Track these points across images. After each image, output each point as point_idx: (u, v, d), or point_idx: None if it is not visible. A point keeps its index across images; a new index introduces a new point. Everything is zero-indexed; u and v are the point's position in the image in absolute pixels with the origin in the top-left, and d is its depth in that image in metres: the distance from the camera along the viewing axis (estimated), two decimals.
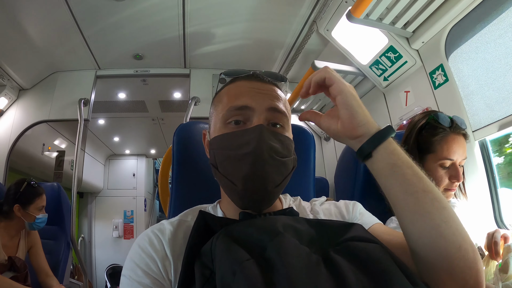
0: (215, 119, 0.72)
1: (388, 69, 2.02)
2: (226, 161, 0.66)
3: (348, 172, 1.33)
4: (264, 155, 0.62)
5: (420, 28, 1.77)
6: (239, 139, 0.65)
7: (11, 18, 2.21)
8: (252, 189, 0.63)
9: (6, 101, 2.89)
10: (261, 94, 0.69)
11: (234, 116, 0.67)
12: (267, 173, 0.63)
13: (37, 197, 1.81)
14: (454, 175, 1.08)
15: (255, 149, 0.62)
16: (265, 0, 2.17)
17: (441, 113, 1.15)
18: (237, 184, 0.64)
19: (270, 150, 0.64)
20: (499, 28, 1.43)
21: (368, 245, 0.54)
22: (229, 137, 0.67)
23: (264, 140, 0.63)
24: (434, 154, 1.09)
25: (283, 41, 2.62)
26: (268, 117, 0.67)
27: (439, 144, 1.09)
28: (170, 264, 0.62)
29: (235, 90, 0.71)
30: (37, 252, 1.87)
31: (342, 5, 1.91)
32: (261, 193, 0.64)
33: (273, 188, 0.64)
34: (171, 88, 3.52)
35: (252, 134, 0.64)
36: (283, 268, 0.48)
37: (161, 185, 1.94)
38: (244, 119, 0.67)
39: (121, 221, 5.40)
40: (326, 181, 2.88)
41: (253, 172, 0.62)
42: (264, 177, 0.63)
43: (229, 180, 0.65)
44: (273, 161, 0.64)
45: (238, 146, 0.65)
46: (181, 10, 2.27)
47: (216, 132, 0.70)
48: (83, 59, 2.86)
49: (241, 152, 0.64)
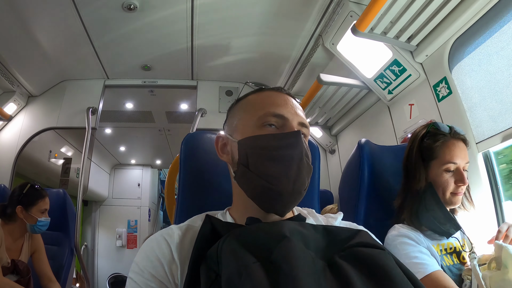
0: (245, 121, 0.74)
1: (392, 82, 2.04)
2: (264, 161, 0.67)
3: (352, 183, 1.33)
4: (303, 158, 0.67)
5: (423, 41, 1.79)
6: (280, 141, 0.68)
7: (23, 26, 2.27)
8: (290, 189, 0.65)
9: (15, 107, 2.93)
10: (292, 108, 0.73)
11: (271, 121, 0.70)
12: (303, 175, 0.67)
13: (40, 199, 1.82)
14: (459, 178, 1.09)
15: (298, 152, 0.67)
16: (272, 15, 2.21)
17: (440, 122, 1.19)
18: (274, 184, 0.65)
19: (306, 155, 0.68)
20: (501, 40, 1.44)
21: (374, 251, 0.55)
22: (268, 138, 0.69)
23: (303, 144, 0.68)
24: (438, 159, 1.11)
25: (289, 54, 2.65)
26: (298, 127, 0.71)
27: (441, 149, 1.12)
28: (177, 268, 0.63)
29: (271, 98, 0.75)
30: (40, 257, 1.87)
31: (347, 20, 1.95)
32: (295, 194, 0.66)
33: (303, 191, 0.68)
34: (178, 99, 3.56)
35: (293, 138, 0.68)
36: (289, 271, 0.48)
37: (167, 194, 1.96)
38: (279, 125, 0.70)
39: (125, 230, 5.38)
40: (330, 194, 2.88)
41: (294, 172, 0.65)
42: (301, 179, 0.66)
43: (264, 180, 0.66)
44: (307, 164, 0.68)
45: (278, 147, 0.67)
46: (189, 23, 2.32)
47: (247, 134, 0.71)
48: (92, 69, 2.91)
49: (283, 152, 0.66)
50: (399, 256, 0.98)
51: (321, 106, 2.78)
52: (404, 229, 1.06)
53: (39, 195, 1.84)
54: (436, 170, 1.11)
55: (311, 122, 3.05)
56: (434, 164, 1.12)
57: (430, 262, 0.94)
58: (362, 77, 2.21)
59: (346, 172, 1.49)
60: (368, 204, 1.25)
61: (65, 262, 2.11)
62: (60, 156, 3.88)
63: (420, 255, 0.96)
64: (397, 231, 1.06)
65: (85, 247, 4.96)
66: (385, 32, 1.79)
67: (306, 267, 0.50)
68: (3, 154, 2.83)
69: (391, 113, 2.23)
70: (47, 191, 1.91)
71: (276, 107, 0.71)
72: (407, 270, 0.53)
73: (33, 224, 1.78)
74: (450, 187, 1.10)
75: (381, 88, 2.14)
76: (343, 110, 2.79)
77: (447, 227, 1.05)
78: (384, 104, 2.27)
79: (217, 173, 1.00)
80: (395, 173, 1.28)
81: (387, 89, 2.11)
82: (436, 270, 0.92)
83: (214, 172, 1.01)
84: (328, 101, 2.67)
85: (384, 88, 2.13)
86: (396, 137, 2.15)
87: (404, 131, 2.06)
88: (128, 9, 2.14)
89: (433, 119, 1.78)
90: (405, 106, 2.05)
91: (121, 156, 5.49)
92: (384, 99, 2.20)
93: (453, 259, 1.04)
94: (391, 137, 2.18)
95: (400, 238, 1.03)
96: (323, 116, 2.96)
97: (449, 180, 1.10)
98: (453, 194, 1.10)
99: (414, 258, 0.95)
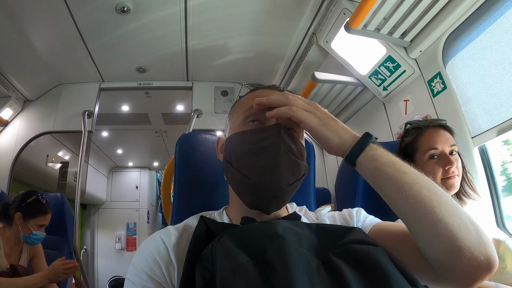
0: (234, 120, 0.74)
1: (387, 79, 2.04)
2: (242, 155, 0.67)
3: (348, 179, 1.34)
4: (280, 150, 0.63)
5: (417, 37, 1.79)
6: (257, 135, 0.66)
7: (18, 31, 2.27)
8: (266, 183, 0.63)
9: (11, 112, 2.93)
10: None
11: (254, 115, 0.70)
12: (282, 168, 0.63)
13: (41, 215, 1.78)
14: (446, 162, 1.11)
15: (273, 143, 0.63)
16: (265, 14, 2.21)
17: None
18: (251, 178, 0.64)
19: (287, 148, 0.64)
20: (495, 34, 1.45)
21: (368, 247, 0.55)
22: (248, 133, 0.69)
23: (281, 136, 0.64)
24: (419, 151, 1.16)
25: (283, 53, 2.65)
26: (284, 122, 0.68)
27: (419, 141, 1.16)
28: (174, 269, 0.63)
29: (258, 95, 0.73)
30: (39, 262, 1.86)
31: (341, 17, 1.95)
32: (274, 188, 0.63)
33: (286, 186, 0.64)
34: (174, 100, 3.56)
35: (270, 130, 0.66)
36: (283, 269, 0.48)
37: (163, 195, 1.95)
38: (262, 120, 0.69)
39: (124, 233, 5.38)
40: (328, 191, 2.88)
41: (269, 165, 0.63)
42: (279, 172, 0.62)
43: (242, 175, 0.65)
44: (288, 159, 0.64)
45: (256, 141, 0.66)
46: (183, 25, 2.32)
47: (234, 131, 0.72)
48: (87, 72, 2.90)
49: (260, 145, 0.64)
50: None
51: None
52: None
53: (42, 210, 1.79)
54: (421, 161, 1.14)
55: None
56: (417, 157, 1.16)
57: None
58: (356, 74, 2.21)
59: (342, 169, 1.49)
60: (364, 201, 1.25)
61: None
62: (57, 160, 3.87)
63: None
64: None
65: (84, 251, 4.96)
66: (378, 28, 1.79)
67: (300, 265, 0.49)
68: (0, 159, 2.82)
69: (387, 109, 2.23)
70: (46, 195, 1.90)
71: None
72: (401, 265, 0.53)
73: (27, 235, 1.74)
74: (438, 173, 1.11)
75: (376, 84, 2.15)
76: (339, 108, 2.79)
77: None
78: (379, 101, 2.27)
79: (212, 173, 1.00)
80: None
81: (382, 85, 2.11)
82: None
83: (210, 172, 1.00)
84: (323, 99, 2.67)
85: (379, 85, 2.13)
86: (392, 133, 2.15)
87: (400, 127, 2.07)
88: (121, 12, 2.14)
89: (428, 115, 1.79)
90: (400, 102, 2.05)
91: (119, 159, 5.49)
92: (379, 96, 2.21)
93: None
94: (387, 133, 2.19)
95: None
96: None
97: (435, 166, 1.12)
98: (445, 179, 1.11)
99: None
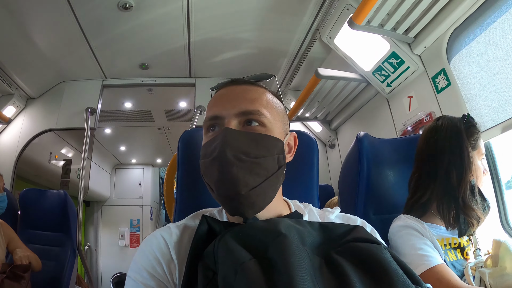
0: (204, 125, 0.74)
1: (391, 75, 2.03)
2: (204, 169, 0.67)
3: (351, 177, 1.33)
4: (227, 157, 0.61)
5: (421, 33, 1.78)
6: (210, 146, 0.66)
7: (20, 28, 2.27)
8: (225, 194, 0.62)
9: (14, 110, 2.94)
10: (231, 101, 0.69)
11: (210, 126, 0.69)
12: (235, 176, 0.60)
13: None
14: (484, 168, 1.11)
15: (219, 152, 0.62)
16: (269, 10, 2.20)
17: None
18: (214, 191, 0.64)
19: (237, 152, 0.62)
20: (499, 30, 1.43)
21: (370, 246, 0.55)
22: (205, 146, 0.68)
23: (227, 142, 0.62)
24: (478, 150, 1.11)
25: (286, 49, 2.64)
26: (241, 120, 0.67)
27: (480, 140, 1.11)
28: (175, 267, 0.63)
29: (212, 101, 0.73)
30: (16, 244, 1.85)
31: (344, 13, 1.93)
32: (235, 197, 0.61)
33: (248, 191, 0.61)
34: (177, 97, 3.56)
35: (218, 138, 0.64)
36: (285, 267, 0.48)
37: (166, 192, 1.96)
38: (220, 127, 0.68)
39: (127, 230, 5.40)
40: (331, 188, 2.87)
41: (221, 177, 0.61)
42: (232, 181, 0.60)
43: (210, 188, 0.66)
44: (241, 163, 0.61)
45: (209, 153, 0.65)
46: (185, 21, 2.31)
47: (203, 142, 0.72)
48: (90, 69, 2.91)
49: (210, 158, 0.64)
50: (404, 246, 0.98)
51: (319, 101, 2.77)
52: (410, 220, 1.05)
53: None
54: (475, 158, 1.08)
55: (310, 116, 3.04)
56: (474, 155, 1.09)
57: (434, 255, 0.93)
58: (360, 70, 2.20)
59: (345, 166, 1.48)
60: (368, 198, 1.24)
61: (68, 262, 2.13)
62: (61, 157, 3.89)
63: (425, 247, 0.95)
64: (402, 221, 1.05)
65: (88, 248, 4.99)
66: (382, 24, 1.78)
67: (302, 264, 0.49)
68: (3, 157, 2.84)
69: (390, 106, 2.22)
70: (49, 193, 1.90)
71: (213, 109, 0.70)
72: (404, 264, 0.52)
73: None
74: (482, 178, 1.10)
75: (380, 81, 2.13)
76: (342, 104, 2.78)
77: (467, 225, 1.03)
78: (383, 97, 2.26)
79: None
80: (395, 166, 1.28)
81: (386, 82, 2.10)
82: (441, 264, 0.91)
83: None
84: (326, 96, 2.66)
85: (383, 81, 2.12)
86: (396, 130, 2.14)
87: (403, 124, 2.05)
88: (123, 8, 2.13)
89: (432, 111, 1.78)
90: (404, 98, 2.04)
91: (122, 156, 5.50)
92: (383, 92, 2.19)
93: (457, 255, 1.03)
94: (391, 130, 2.18)
95: (405, 229, 1.02)
96: (322, 111, 2.95)
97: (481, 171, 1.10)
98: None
99: (419, 249, 0.94)
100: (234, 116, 0.67)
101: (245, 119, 0.67)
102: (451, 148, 1.07)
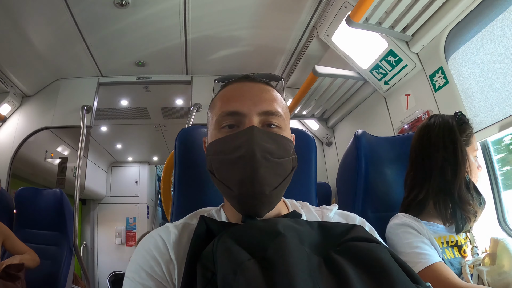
0: (210, 123, 0.72)
1: (388, 73, 2.03)
2: (221, 166, 0.65)
3: (349, 175, 1.33)
4: (257, 157, 0.60)
5: (419, 31, 1.78)
6: (231, 143, 0.64)
7: (15, 26, 2.25)
8: (248, 193, 0.61)
9: (9, 108, 2.92)
10: (252, 98, 0.68)
11: (227, 121, 0.67)
12: (262, 175, 0.61)
13: None
14: (479, 164, 1.12)
15: (248, 151, 0.61)
16: (266, 7, 2.19)
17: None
18: (233, 189, 0.62)
19: (264, 152, 0.62)
20: (497, 29, 1.44)
21: (369, 245, 0.55)
22: (222, 141, 0.66)
23: (256, 141, 0.62)
24: (471, 146, 1.11)
25: (284, 47, 2.64)
26: (262, 119, 0.66)
27: (472, 136, 1.13)
28: (174, 267, 0.62)
29: (227, 94, 0.70)
30: (14, 243, 1.83)
31: (342, 10, 1.93)
32: (258, 197, 0.61)
33: (270, 191, 0.62)
34: (173, 95, 3.54)
35: (244, 136, 0.63)
36: (284, 267, 0.48)
37: (163, 190, 1.95)
38: (237, 123, 0.66)
39: (124, 228, 5.38)
40: (328, 186, 2.87)
41: (248, 175, 0.60)
42: (259, 180, 0.60)
43: (225, 186, 0.64)
44: (267, 163, 0.62)
45: (231, 150, 0.63)
46: (182, 18, 2.30)
47: (211, 138, 0.69)
48: (86, 66, 2.89)
49: (234, 155, 0.62)
50: (401, 244, 0.98)
51: (317, 98, 2.76)
52: (407, 218, 1.05)
53: None
54: (469, 155, 1.08)
55: (307, 114, 3.04)
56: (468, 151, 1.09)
57: (432, 253, 0.94)
58: (357, 68, 2.20)
59: (343, 164, 1.48)
60: (366, 196, 1.24)
61: (64, 261, 2.11)
62: (56, 155, 3.86)
63: (422, 245, 0.95)
64: (400, 220, 1.05)
65: (84, 246, 4.97)
66: (380, 22, 1.77)
67: (301, 263, 0.49)
68: None
69: (388, 104, 2.22)
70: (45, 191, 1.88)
71: (231, 104, 0.67)
72: (403, 263, 0.52)
73: None
74: (477, 174, 1.11)
75: (377, 79, 2.13)
76: (339, 102, 2.78)
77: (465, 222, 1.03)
78: (381, 95, 2.26)
79: None
80: (393, 164, 1.28)
81: (383, 80, 2.10)
82: (438, 262, 0.91)
83: None
84: (324, 93, 2.66)
85: (380, 79, 2.12)
86: (393, 128, 2.14)
87: (401, 122, 2.06)
88: (120, 5, 2.12)
89: (430, 110, 1.78)
90: (401, 96, 2.04)
91: (118, 154, 5.47)
92: (380, 90, 2.19)
93: (454, 253, 1.03)
94: (388, 128, 2.18)
95: (403, 227, 1.02)
96: (319, 108, 2.95)
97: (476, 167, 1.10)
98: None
99: (416, 248, 0.94)
100: (257, 114, 0.66)
101: (266, 119, 0.66)
102: (445, 145, 1.08)
